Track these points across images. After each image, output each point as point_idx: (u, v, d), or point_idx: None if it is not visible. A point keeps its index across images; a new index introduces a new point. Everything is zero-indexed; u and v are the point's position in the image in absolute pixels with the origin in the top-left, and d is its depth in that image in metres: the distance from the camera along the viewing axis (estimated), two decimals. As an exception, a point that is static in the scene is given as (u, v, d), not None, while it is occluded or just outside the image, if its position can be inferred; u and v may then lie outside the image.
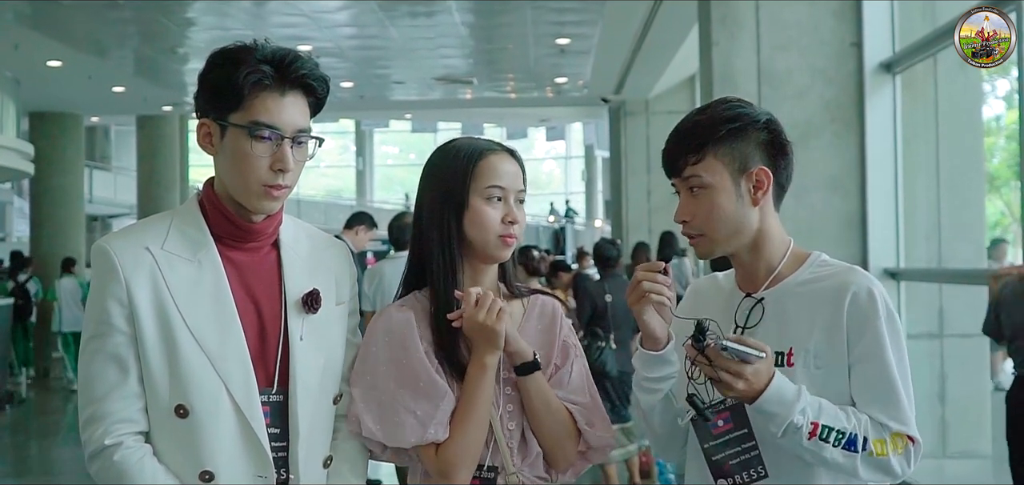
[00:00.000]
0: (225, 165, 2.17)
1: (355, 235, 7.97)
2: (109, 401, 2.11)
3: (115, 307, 2.11)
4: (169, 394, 2.10)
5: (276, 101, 2.14)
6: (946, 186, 7.42)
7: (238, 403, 2.11)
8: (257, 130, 2.12)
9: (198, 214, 2.21)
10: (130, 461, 2.09)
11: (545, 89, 18.53)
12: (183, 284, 2.13)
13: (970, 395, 7.40)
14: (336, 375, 2.30)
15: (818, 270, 2.22)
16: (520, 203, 2.33)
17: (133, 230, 2.23)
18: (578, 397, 2.33)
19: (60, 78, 16.08)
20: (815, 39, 7.17)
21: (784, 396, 2.03)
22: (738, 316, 2.23)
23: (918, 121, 7.40)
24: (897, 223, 7.08)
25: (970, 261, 7.29)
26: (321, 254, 2.33)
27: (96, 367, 2.12)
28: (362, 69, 16.20)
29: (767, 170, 2.19)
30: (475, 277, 2.33)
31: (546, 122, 34.43)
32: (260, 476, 2.13)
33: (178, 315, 2.10)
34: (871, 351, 2.11)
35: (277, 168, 2.13)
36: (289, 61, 2.14)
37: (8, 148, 15.99)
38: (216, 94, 2.14)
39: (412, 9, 12.43)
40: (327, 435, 2.28)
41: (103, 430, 2.10)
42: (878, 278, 6.86)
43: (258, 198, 2.15)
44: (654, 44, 12.73)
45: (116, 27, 13.19)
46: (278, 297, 2.22)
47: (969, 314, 7.30)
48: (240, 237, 2.21)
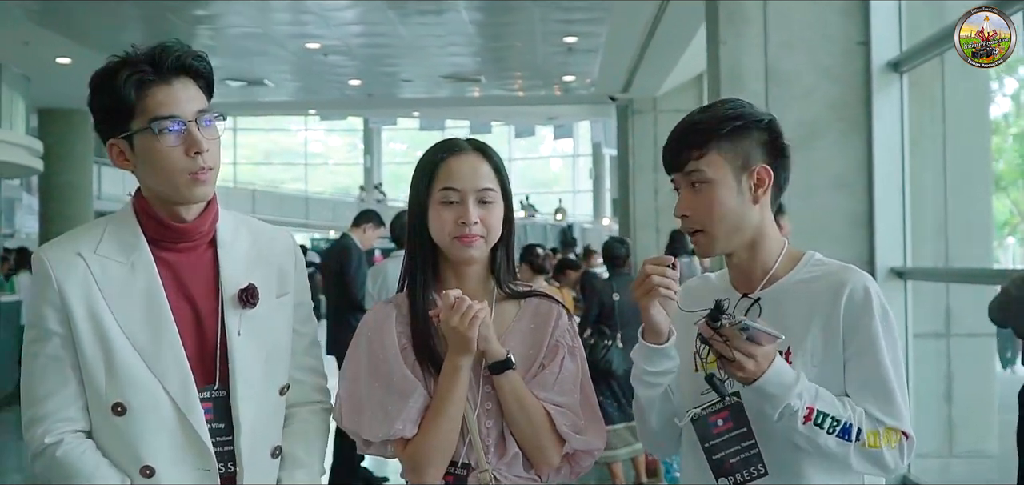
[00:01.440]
0: (145, 172, 2.21)
1: (362, 233, 7.98)
2: (49, 402, 2.17)
3: (50, 311, 2.17)
4: (106, 393, 2.16)
5: (165, 92, 2.17)
6: (953, 185, 7.41)
7: (175, 400, 2.16)
8: (158, 124, 2.15)
9: (133, 219, 2.26)
10: (72, 455, 2.15)
11: (553, 87, 18.50)
12: (115, 286, 2.18)
13: (977, 394, 7.39)
14: (280, 367, 2.34)
15: (813, 269, 2.24)
16: (484, 203, 2.32)
17: (68, 237, 2.28)
18: (563, 398, 2.31)
19: (69, 75, 16.08)
20: (822, 38, 7.16)
21: (784, 378, 2.06)
22: (735, 316, 2.23)
23: (925, 120, 7.40)
24: (904, 222, 7.07)
25: (977, 260, 7.28)
26: (262, 248, 2.36)
27: (36, 370, 2.19)
28: (370, 67, 16.20)
29: (768, 168, 2.22)
30: (458, 277, 2.36)
31: (554, 120, 34.42)
32: (203, 469, 2.18)
33: (111, 317, 2.16)
34: (865, 348, 2.14)
35: (193, 152, 2.17)
36: (161, 52, 2.18)
37: (17, 145, 16.06)
38: (110, 112, 2.19)
39: (420, 7, 12.43)
40: (274, 426, 2.33)
41: (44, 429, 2.16)
42: (885, 277, 6.93)
43: (187, 187, 2.19)
44: (662, 43, 12.71)
45: (125, 24, 13.19)
46: (215, 294, 2.26)
47: (976, 313, 7.28)
48: (173, 238, 2.25)
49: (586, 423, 2.32)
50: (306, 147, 46.14)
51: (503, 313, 2.36)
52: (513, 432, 2.30)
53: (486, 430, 2.29)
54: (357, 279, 7.66)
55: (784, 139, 2.26)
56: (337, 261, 7.75)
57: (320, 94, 19.48)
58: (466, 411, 2.27)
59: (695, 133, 2.21)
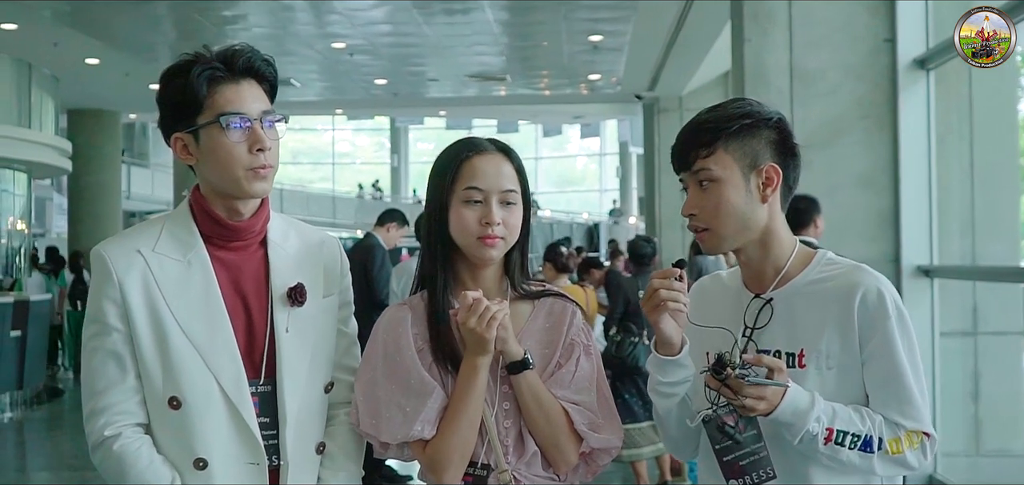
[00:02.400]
0: (208, 166, 2.28)
1: (387, 232, 8.00)
2: (109, 395, 2.24)
3: (110, 307, 2.24)
4: (163, 387, 2.23)
5: (234, 90, 2.26)
6: (980, 183, 7.36)
7: (228, 394, 2.23)
8: (226, 119, 2.23)
9: (188, 217, 2.33)
10: (129, 449, 2.22)
11: (579, 86, 18.51)
12: (173, 283, 2.25)
13: (1004, 393, 7.33)
14: (325, 364, 2.40)
15: (825, 269, 2.23)
16: (506, 204, 2.32)
17: (127, 234, 2.35)
18: (580, 397, 2.31)
19: (98, 76, 16.26)
20: (848, 35, 7.12)
21: (798, 407, 2.05)
22: (747, 317, 2.23)
23: (952, 117, 7.34)
24: (930, 220, 7.02)
25: (1004, 258, 7.22)
26: (310, 250, 2.43)
27: (96, 364, 2.26)
28: (396, 66, 16.25)
29: (777, 167, 2.21)
30: (475, 278, 2.36)
31: (580, 119, 34.41)
32: (252, 462, 2.24)
33: (169, 312, 2.23)
34: (882, 350, 2.13)
35: (256, 149, 2.25)
36: (234, 53, 2.28)
37: (47, 145, 16.19)
38: (178, 106, 2.27)
39: (446, 7, 12.47)
40: (318, 422, 2.39)
41: (104, 422, 2.24)
42: (911, 275, 6.90)
43: (247, 182, 2.26)
44: (687, 41, 12.69)
45: (153, 25, 13.32)
46: (265, 292, 2.33)
47: (1003, 311, 7.25)
48: (228, 236, 2.32)
49: (603, 421, 2.32)
50: (334, 146, 46.35)
51: (517, 313, 2.36)
52: (531, 431, 2.30)
53: (504, 430, 2.30)
54: (381, 278, 7.68)
55: (793, 139, 2.25)
56: (361, 260, 7.75)
57: (346, 94, 19.56)
58: (484, 411, 2.27)
59: (703, 132, 2.20)
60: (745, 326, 2.22)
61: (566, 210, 41.24)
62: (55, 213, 27.41)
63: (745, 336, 2.22)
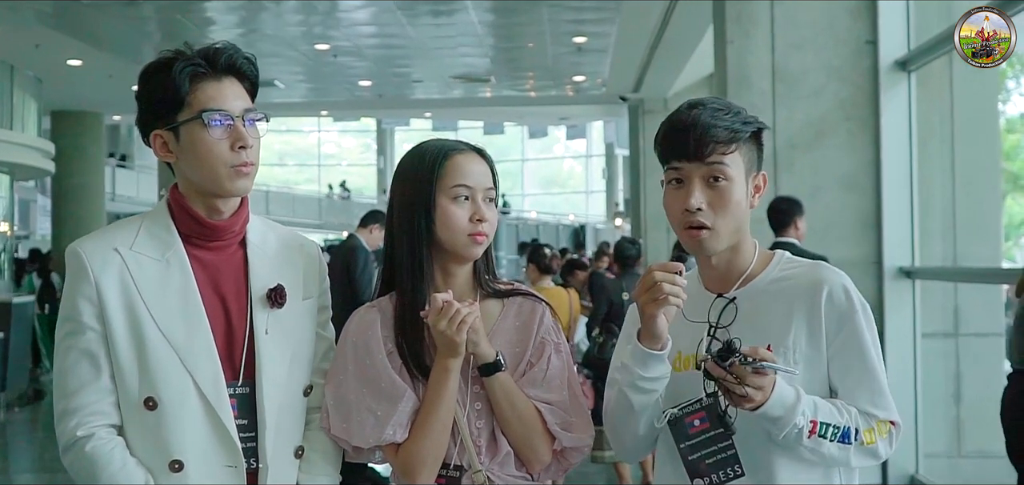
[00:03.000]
0: (188, 163, 2.26)
1: (369, 233, 7.96)
2: (81, 395, 2.20)
3: (86, 305, 2.20)
4: (138, 387, 2.19)
5: (215, 87, 2.24)
6: (962, 184, 7.38)
7: (206, 395, 2.19)
8: (208, 115, 2.21)
9: (167, 216, 2.30)
10: (101, 451, 2.18)
11: (564, 87, 18.54)
12: (151, 282, 2.22)
13: (985, 394, 7.34)
14: (304, 367, 2.37)
15: (786, 268, 2.25)
16: (490, 201, 2.33)
17: (104, 232, 2.31)
18: (551, 396, 2.31)
19: (81, 77, 16.20)
20: (830, 37, 7.14)
21: (786, 400, 2.05)
22: (711, 316, 2.23)
23: (934, 119, 7.37)
24: (912, 221, 7.05)
25: (986, 260, 7.25)
26: (289, 252, 2.40)
27: (69, 363, 2.22)
28: (381, 68, 16.24)
29: (765, 175, 2.25)
30: (446, 278, 2.35)
31: (566, 120, 34.43)
32: (229, 465, 2.21)
33: (146, 311, 2.19)
34: (852, 344, 2.15)
35: (239, 146, 2.23)
36: (216, 51, 2.26)
37: (29, 147, 16.14)
38: (158, 102, 2.25)
39: (430, 8, 12.46)
40: (297, 426, 2.35)
41: (76, 423, 2.19)
42: (893, 276, 6.93)
43: (229, 180, 2.24)
44: (671, 43, 12.71)
45: (136, 26, 13.28)
46: (244, 293, 2.30)
47: (985, 313, 7.27)
48: (207, 236, 2.29)
49: (575, 419, 2.32)
50: (320, 148, 46.29)
51: (487, 311, 2.35)
52: (504, 432, 2.29)
53: (477, 431, 2.29)
54: (363, 280, 7.65)
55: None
56: (343, 262, 7.73)
57: (331, 95, 19.55)
58: (456, 412, 2.27)
59: (722, 129, 2.16)
60: (710, 325, 2.22)
61: (552, 212, 41.26)
62: (39, 215, 27.33)
63: (709, 335, 2.21)
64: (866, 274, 6.89)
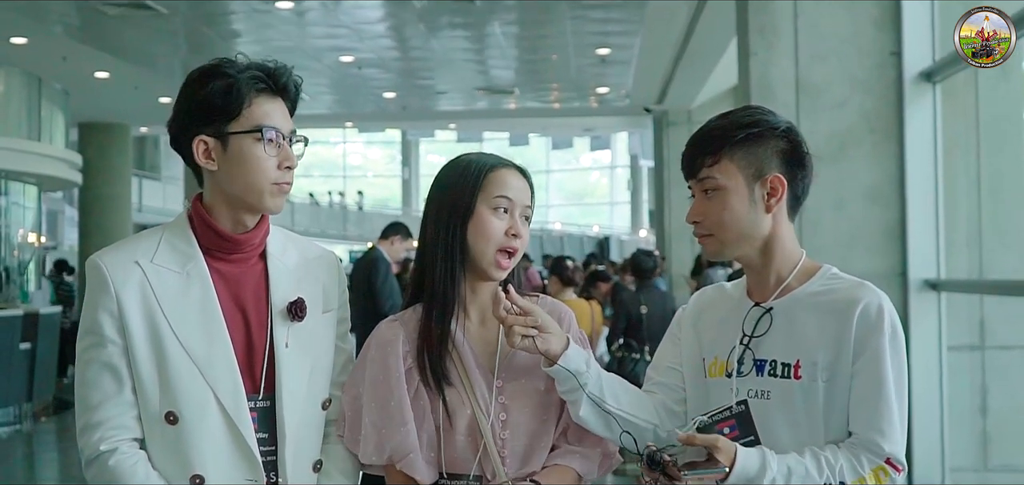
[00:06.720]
0: (231, 174, 2.24)
1: (390, 245, 7.98)
2: (104, 409, 2.19)
3: (107, 319, 2.19)
4: (159, 402, 2.18)
5: (272, 104, 2.25)
6: (988, 196, 7.32)
7: (226, 409, 2.19)
8: (268, 131, 2.22)
9: (187, 229, 2.29)
10: (124, 466, 2.17)
11: (588, 99, 18.53)
12: (171, 295, 2.20)
13: (1013, 408, 7.28)
14: (324, 381, 2.36)
15: (828, 283, 2.21)
16: (526, 219, 2.35)
17: (124, 244, 2.30)
18: None
19: (108, 89, 16.33)
20: (854, 49, 7.09)
21: (748, 469, 2.04)
22: (746, 325, 2.22)
23: (959, 130, 7.30)
24: (937, 233, 6.98)
25: (1013, 272, 7.18)
26: (309, 264, 2.40)
27: (91, 377, 2.21)
28: (405, 80, 16.29)
29: (782, 178, 2.20)
30: (474, 290, 2.36)
31: (591, 132, 34.39)
32: (249, 480, 2.20)
33: (166, 325, 2.18)
34: (871, 365, 2.11)
35: (285, 166, 2.24)
36: (276, 68, 2.26)
37: (57, 158, 16.26)
38: (211, 109, 2.22)
39: (452, 20, 12.48)
40: (316, 439, 2.35)
41: (99, 437, 2.18)
42: (918, 289, 6.86)
43: (271, 196, 2.25)
44: (695, 54, 12.68)
45: (162, 39, 13.36)
46: (265, 306, 2.29)
47: (1011, 325, 7.19)
48: (227, 249, 2.28)
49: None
50: (345, 159, 46.41)
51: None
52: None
53: (502, 441, 2.28)
54: (384, 291, 7.67)
55: (804, 148, 2.24)
56: (365, 273, 7.75)
57: (355, 107, 19.62)
58: (480, 421, 2.26)
59: (708, 140, 2.20)
60: (743, 334, 2.21)
61: (577, 223, 41.20)
62: (67, 226, 27.51)
63: (742, 344, 2.21)
64: (891, 286, 6.82)
